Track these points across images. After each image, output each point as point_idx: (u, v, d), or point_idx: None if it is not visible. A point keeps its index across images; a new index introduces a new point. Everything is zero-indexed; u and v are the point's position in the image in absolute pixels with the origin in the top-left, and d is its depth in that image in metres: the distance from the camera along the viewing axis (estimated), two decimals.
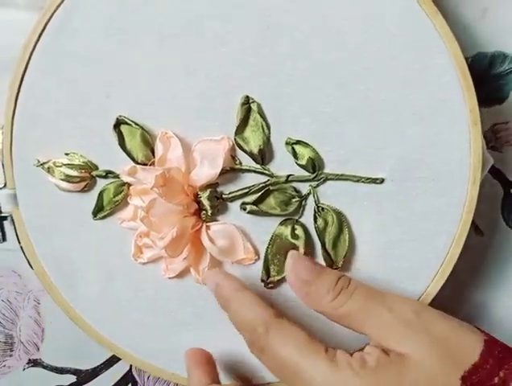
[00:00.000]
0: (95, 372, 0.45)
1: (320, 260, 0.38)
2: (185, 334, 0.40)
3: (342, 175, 0.38)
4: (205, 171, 0.38)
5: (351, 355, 0.33)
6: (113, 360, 0.44)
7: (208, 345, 0.40)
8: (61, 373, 0.44)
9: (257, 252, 0.39)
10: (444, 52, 0.36)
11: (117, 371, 0.45)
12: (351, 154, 0.38)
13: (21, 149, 0.39)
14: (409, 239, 0.38)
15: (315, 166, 0.38)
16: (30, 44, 0.38)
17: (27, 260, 0.40)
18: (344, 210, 0.38)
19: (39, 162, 0.39)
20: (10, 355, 0.44)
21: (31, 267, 0.40)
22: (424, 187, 0.37)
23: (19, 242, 0.40)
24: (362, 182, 0.38)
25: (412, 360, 0.32)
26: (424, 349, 0.32)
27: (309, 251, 0.38)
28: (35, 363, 0.44)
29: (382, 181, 0.38)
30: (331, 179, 0.38)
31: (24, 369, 0.45)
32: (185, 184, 0.38)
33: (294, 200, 0.38)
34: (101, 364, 0.45)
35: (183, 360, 0.39)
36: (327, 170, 0.38)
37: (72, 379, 0.45)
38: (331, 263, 0.38)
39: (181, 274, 0.39)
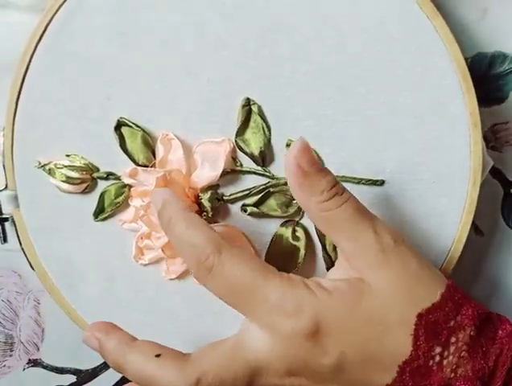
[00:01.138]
0: (95, 372, 0.45)
1: (321, 261, 0.39)
2: (186, 336, 0.40)
3: (343, 177, 0.38)
4: (206, 173, 0.38)
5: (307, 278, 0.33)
6: None
7: None
8: (61, 373, 0.44)
9: (257, 254, 0.39)
10: (445, 55, 0.36)
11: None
12: (352, 156, 0.38)
13: (22, 150, 0.39)
14: (409, 240, 0.38)
15: None
16: (31, 46, 0.38)
17: (28, 261, 0.40)
18: None
19: (40, 163, 0.39)
20: (10, 355, 0.44)
21: (32, 268, 0.40)
22: (425, 189, 0.38)
23: (20, 243, 0.40)
24: (363, 183, 0.38)
25: (373, 289, 0.32)
26: (390, 281, 0.32)
27: (310, 253, 0.38)
28: (35, 363, 0.44)
29: (383, 183, 0.38)
30: None
31: (24, 369, 0.44)
32: (186, 186, 0.38)
33: (294, 202, 0.38)
34: (101, 364, 0.45)
35: None
36: None
37: (72, 379, 0.45)
38: (331, 264, 0.38)
39: (182, 275, 0.39)
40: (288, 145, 0.38)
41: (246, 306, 0.32)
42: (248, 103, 0.38)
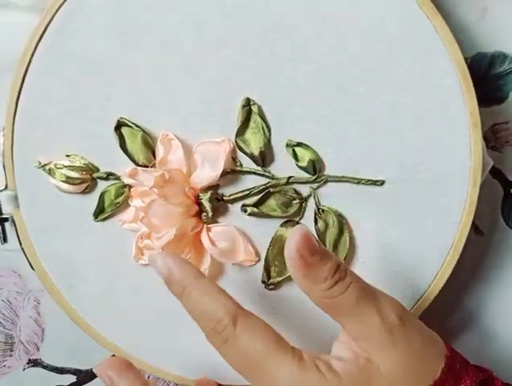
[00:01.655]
0: None
1: None
2: (186, 335, 0.40)
3: (343, 177, 0.38)
4: (206, 173, 0.38)
5: (318, 357, 0.32)
6: None
7: (208, 346, 0.40)
8: (61, 373, 0.44)
9: (257, 254, 0.39)
10: (445, 55, 0.36)
11: None
12: (352, 156, 0.38)
13: (22, 150, 0.39)
14: (409, 241, 0.38)
15: (315, 168, 0.38)
16: (31, 46, 0.38)
17: (28, 261, 0.40)
18: (345, 212, 0.38)
19: (40, 163, 0.39)
20: (10, 355, 0.44)
21: (32, 268, 0.40)
22: (425, 189, 0.38)
23: (20, 244, 0.40)
24: (363, 184, 0.38)
25: (382, 371, 0.32)
26: (396, 362, 0.32)
27: None
28: (35, 363, 0.44)
29: (383, 183, 0.38)
30: (332, 181, 0.38)
31: (24, 369, 0.44)
32: (186, 186, 0.38)
33: (294, 202, 0.38)
34: None
35: (184, 361, 0.40)
36: (327, 172, 0.38)
37: (72, 379, 0.45)
38: None
39: None
40: (288, 146, 0.38)
41: (257, 383, 0.32)
42: (248, 103, 0.38)
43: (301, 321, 0.39)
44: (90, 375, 0.45)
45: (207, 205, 0.38)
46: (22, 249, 0.40)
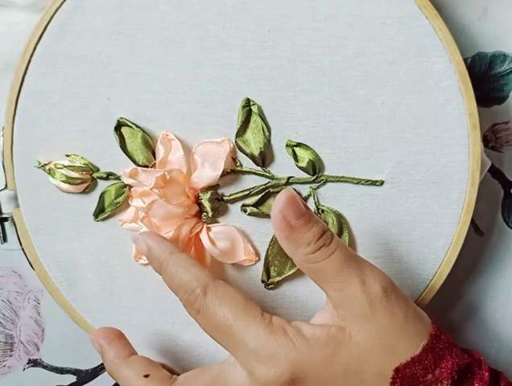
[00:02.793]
0: (95, 372, 0.45)
1: None
2: (187, 335, 0.40)
3: (342, 177, 0.38)
4: (206, 173, 0.38)
5: (289, 322, 0.33)
6: None
7: (210, 345, 0.40)
8: (61, 373, 0.45)
9: (257, 254, 0.39)
10: (444, 56, 0.37)
11: None
12: (351, 157, 0.38)
13: (22, 150, 0.39)
14: (408, 240, 0.38)
15: (315, 168, 0.38)
16: (30, 45, 0.38)
17: (29, 261, 0.40)
18: (344, 212, 0.38)
19: (39, 163, 0.39)
20: (10, 355, 0.44)
21: (33, 268, 0.40)
22: (423, 189, 0.38)
23: (20, 244, 0.40)
24: (362, 184, 0.38)
25: (353, 340, 0.32)
26: (372, 334, 0.32)
27: None
28: (35, 363, 0.44)
29: (382, 183, 0.38)
30: (331, 181, 0.38)
31: (24, 369, 0.44)
32: (186, 186, 0.38)
33: None
34: (101, 364, 0.45)
35: (185, 360, 0.40)
36: (327, 173, 0.38)
37: (72, 379, 0.45)
38: None
39: None
40: (288, 146, 0.38)
41: (229, 347, 0.33)
42: (248, 103, 0.38)
43: (300, 317, 0.39)
44: (90, 375, 0.45)
45: (207, 205, 0.38)
46: (23, 249, 0.40)
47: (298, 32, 0.37)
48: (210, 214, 0.38)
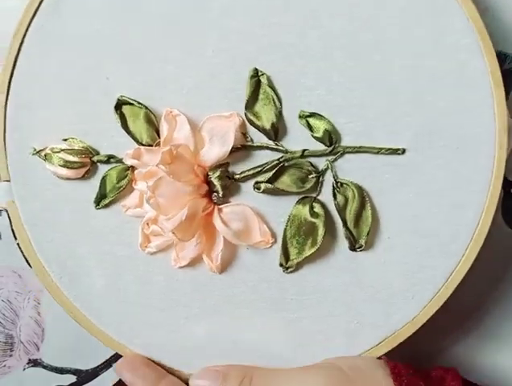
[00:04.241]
0: (95, 372, 0.43)
1: (342, 239, 0.36)
2: (200, 329, 0.37)
3: (361, 147, 0.35)
4: (215, 150, 0.35)
5: None
6: (113, 360, 0.42)
7: (224, 339, 0.37)
8: (61, 373, 0.43)
9: (273, 235, 0.36)
10: (462, 15, 0.35)
11: None
12: (369, 125, 0.35)
13: (15, 137, 0.37)
14: (437, 211, 0.35)
15: (331, 138, 0.35)
16: (22, 25, 0.36)
17: (24, 257, 0.37)
18: (365, 184, 0.36)
19: (34, 150, 0.37)
20: (10, 355, 0.43)
21: (29, 264, 0.37)
22: (449, 156, 0.35)
23: (15, 238, 0.37)
24: (382, 153, 0.35)
25: None
26: None
27: (330, 230, 0.36)
28: (35, 363, 0.43)
29: (404, 151, 0.35)
30: (349, 152, 0.36)
31: (24, 369, 0.43)
32: (194, 164, 0.35)
33: (311, 176, 0.36)
34: (101, 364, 0.43)
35: (198, 358, 0.37)
36: (344, 143, 0.36)
37: (72, 379, 0.43)
38: (353, 241, 0.36)
39: (193, 263, 0.36)
40: (301, 117, 0.35)
41: None
42: (256, 74, 0.36)
43: (323, 306, 0.36)
44: (90, 375, 0.43)
45: (217, 184, 0.35)
46: (18, 244, 0.37)
47: None
48: (221, 193, 0.35)
